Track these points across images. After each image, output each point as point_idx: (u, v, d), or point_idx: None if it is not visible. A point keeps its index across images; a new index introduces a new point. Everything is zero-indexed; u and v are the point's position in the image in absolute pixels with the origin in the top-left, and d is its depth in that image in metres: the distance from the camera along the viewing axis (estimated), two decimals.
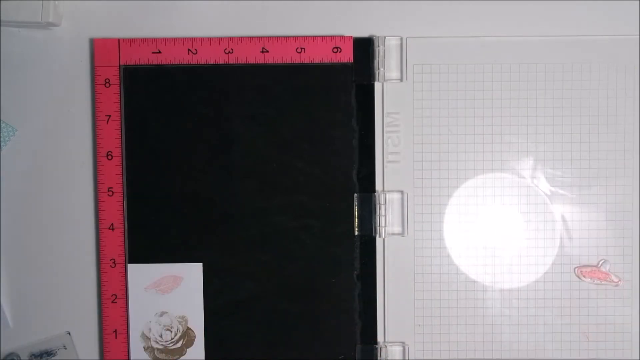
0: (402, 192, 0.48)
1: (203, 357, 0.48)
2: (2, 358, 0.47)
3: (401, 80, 0.47)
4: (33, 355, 0.48)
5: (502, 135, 0.48)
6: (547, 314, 0.48)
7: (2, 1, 0.44)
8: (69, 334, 0.48)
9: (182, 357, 0.48)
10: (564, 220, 0.48)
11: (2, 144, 0.48)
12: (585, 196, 0.48)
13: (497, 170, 0.48)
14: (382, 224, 0.47)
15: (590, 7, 0.48)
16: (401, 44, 0.47)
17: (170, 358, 0.48)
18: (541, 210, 0.48)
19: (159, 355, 0.48)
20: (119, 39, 0.47)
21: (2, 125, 0.48)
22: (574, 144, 0.48)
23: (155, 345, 0.48)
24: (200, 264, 0.48)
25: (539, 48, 0.48)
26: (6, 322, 0.48)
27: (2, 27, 0.47)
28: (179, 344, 0.48)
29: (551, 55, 0.48)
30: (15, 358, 0.47)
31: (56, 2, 0.46)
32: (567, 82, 0.48)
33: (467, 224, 0.48)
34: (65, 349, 0.48)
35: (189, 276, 0.48)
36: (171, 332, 0.48)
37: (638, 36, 0.48)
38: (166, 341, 0.48)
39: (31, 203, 0.48)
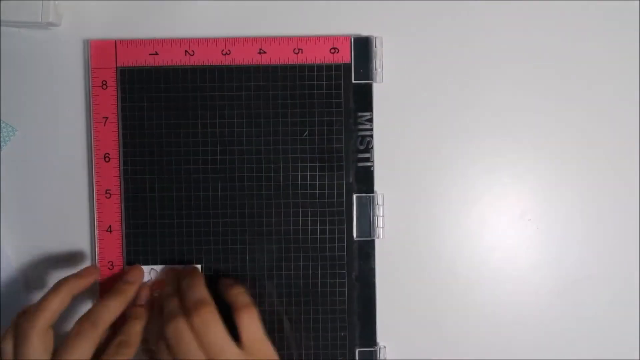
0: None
1: None
2: None
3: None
4: None
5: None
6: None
7: (2, 1, 0.44)
8: None
9: None
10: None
11: (2, 144, 0.48)
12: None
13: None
14: (380, 224, 0.47)
15: (591, 7, 0.48)
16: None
17: None
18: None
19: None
20: (115, 41, 0.47)
21: (2, 125, 0.48)
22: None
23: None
24: (199, 266, 0.47)
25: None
26: None
27: (2, 27, 0.47)
28: None
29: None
30: None
31: (56, 2, 0.46)
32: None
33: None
34: None
35: None
36: None
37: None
38: None
39: (30, 204, 0.48)
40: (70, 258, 0.48)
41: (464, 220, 0.48)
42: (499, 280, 0.48)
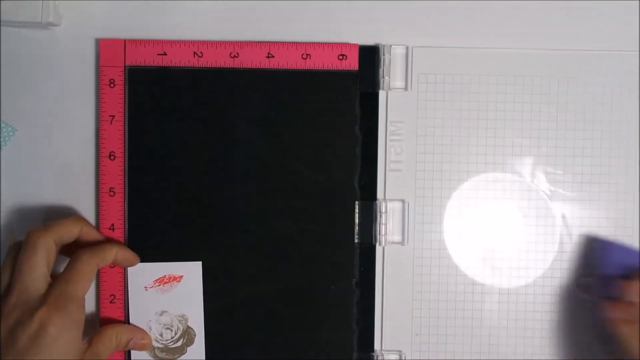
0: (403, 200, 0.48)
1: (204, 356, 0.48)
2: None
3: (405, 89, 0.48)
4: None
5: (504, 147, 0.48)
6: (548, 324, 0.49)
7: (2, 1, 0.44)
8: None
9: (182, 356, 0.48)
10: (565, 224, 0.48)
11: (2, 144, 0.48)
12: (586, 200, 0.48)
13: (500, 181, 0.48)
14: (383, 232, 0.48)
15: (592, 20, 0.48)
16: (407, 53, 0.47)
17: (171, 357, 0.48)
18: (542, 219, 0.48)
19: (159, 354, 0.48)
20: (124, 40, 0.47)
21: (2, 125, 0.47)
22: (577, 156, 0.48)
23: (155, 344, 0.48)
24: (200, 262, 0.48)
25: (541, 60, 0.48)
26: None
27: (2, 27, 0.47)
28: (179, 343, 0.48)
29: (553, 68, 0.48)
30: None
31: (56, 2, 0.45)
32: (572, 95, 0.48)
33: (467, 234, 0.48)
34: None
35: (189, 275, 0.48)
36: (171, 330, 0.48)
37: (638, 52, 0.48)
38: (167, 340, 0.48)
39: (31, 203, 0.48)
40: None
41: (465, 225, 0.48)
42: (501, 282, 0.49)
